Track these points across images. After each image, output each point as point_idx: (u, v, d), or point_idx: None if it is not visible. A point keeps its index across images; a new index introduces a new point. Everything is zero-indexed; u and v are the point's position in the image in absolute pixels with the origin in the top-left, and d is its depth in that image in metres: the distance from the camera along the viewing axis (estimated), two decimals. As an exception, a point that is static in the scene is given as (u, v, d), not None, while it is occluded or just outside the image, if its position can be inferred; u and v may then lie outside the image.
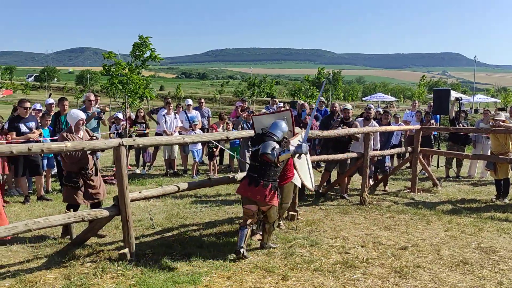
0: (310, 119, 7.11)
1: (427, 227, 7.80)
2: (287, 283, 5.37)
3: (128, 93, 11.26)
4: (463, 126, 12.73)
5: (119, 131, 12.24)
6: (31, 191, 9.76)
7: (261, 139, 6.35)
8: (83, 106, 10.71)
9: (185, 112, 13.11)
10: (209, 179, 7.38)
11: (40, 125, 9.67)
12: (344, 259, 6.15)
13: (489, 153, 11.12)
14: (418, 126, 11.17)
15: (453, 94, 24.51)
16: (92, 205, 6.97)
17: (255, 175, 6.22)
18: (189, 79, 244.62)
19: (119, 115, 12.57)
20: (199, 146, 12.46)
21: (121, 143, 5.80)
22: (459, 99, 14.19)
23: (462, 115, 13.22)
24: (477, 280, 5.59)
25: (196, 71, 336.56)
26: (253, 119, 7.28)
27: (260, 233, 6.80)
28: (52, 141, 8.77)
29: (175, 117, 12.68)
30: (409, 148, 11.06)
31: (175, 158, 12.77)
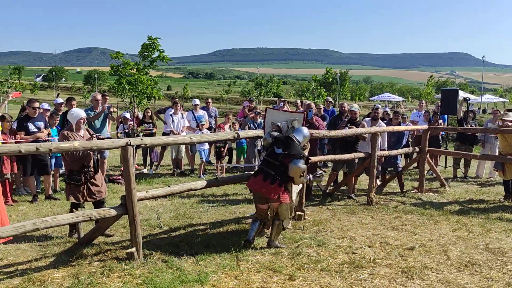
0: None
1: (435, 228, 7.77)
2: (294, 283, 5.37)
3: (135, 93, 11.29)
4: (471, 126, 12.67)
5: (127, 131, 12.27)
6: (39, 190, 9.81)
7: (286, 143, 6.49)
8: (91, 105, 10.77)
9: (192, 112, 13.12)
10: (216, 178, 7.40)
11: (48, 124, 9.72)
12: (351, 259, 6.14)
13: (497, 154, 11.06)
14: (425, 126, 11.13)
15: (461, 94, 24.39)
16: (95, 204, 6.99)
17: (273, 172, 6.36)
18: (196, 79, 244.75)
19: (127, 114, 12.61)
20: (206, 146, 12.48)
21: (129, 142, 5.82)
22: (466, 99, 14.11)
23: (470, 115, 13.16)
24: (485, 281, 5.56)
25: (203, 71, 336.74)
26: (267, 111, 7.38)
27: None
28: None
29: (182, 117, 12.70)
30: (416, 148, 11.03)
31: (182, 157, 12.79)
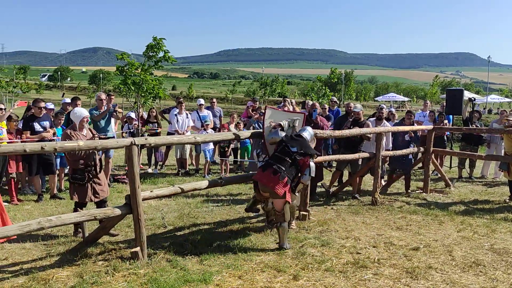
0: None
1: (439, 228, 7.75)
2: (298, 283, 5.37)
3: (141, 93, 11.31)
4: (477, 126, 12.63)
5: (132, 130, 12.30)
6: (44, 190, 9.84)
7: (298, 141, 6.62)
8: (96, 105, 10.81)
9: (197, 111, 13.14)
10: (220, 178, 7.40)
11: (53, 124, 9.76)
12: (355, 259, 6.14)
13: (503, 154, 11.02)
14: (430, 126, 11.10)
15: (467, 94, 24.34)
16: (97, 203, 7.01)
17: (283, 168, 6.39)
18: (201, 79, 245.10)
19: (132, 114, 12.64)
20: (211, 145, 12.49)
21: (133, 142, 5.83)
22: (472, 100, 14.07)
23: (475, 115, 13.11)
24: (489, 281, 5.55)
25: (208, 71, 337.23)
26: (267, 109, 7.40)
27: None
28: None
29: (187, 117, 12.72)
30: (421, 148, 11.01)
31: (187, 157, 12.80)
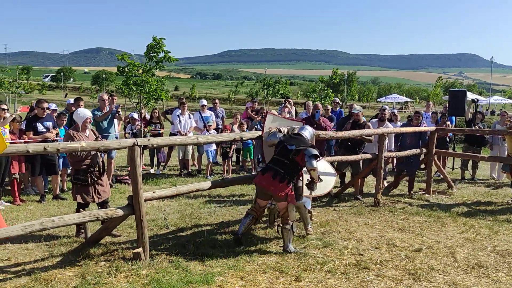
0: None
1: (442, 229, 7.74)
2: (300, 284, 5.37)
3: (143, 94, 11.33)
4: (480, 128, 12.61)
5: (134, 131, 12.32)
6: (47, 190, 9.86)
7: (296, 139, 6.55)
8: (99, 106, 10.84)
9: (200, 112, 13.14)
10: (223, 179, 7.40)
11: (56, 124, 9.78)
12: (357, 260, 6.13)
13: (505, 155, 10.99)
14: (433, 127, 11.08)
15: (469, 95, 24.27)
16: (99, 204, 7.02)
17: (282, 171, 6.37)
18: (204, 79, 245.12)
19: (135, 115, 12.66)
20: (213, 146, 12.49)
21: (136, 143, 5.83)
22: (475, 101, 14.04)
23: (478, 116, 13.09)
24: (492, 283, 5.54)
25: (210, 71, 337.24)
26: (267, 116, 7.38)
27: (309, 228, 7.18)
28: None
29: (190, 118, 12.72)
30: (423, 149, 10.98)
31: (189, 158, 12.81)
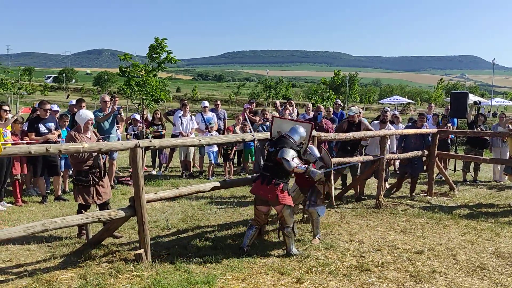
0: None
1: (444, 232, 7.73)
2: (302, 286, 5.36)
3: (144, 95, 11.34)
4: (482, 130, 12.60)
5: (136, 132, 12.33)
6: (49, 191, 9.87)
7: (280, 141, 6.47)
8: (101, 107, 10.84)
9: (201, 114, 13.14)
10: (224, 181, 7.40)
11: (59, 126, 9.79)
12: (359, 262, 6.13)
13: (507, 157, 10.99)
14: (435, 129, 11.07)
15: (471, 97, 24.24)
16: (99, 205, 7.03)
17: (268, 173, 6.36)
18: (206, 81, 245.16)
19: (136, 116, 12.67)
20: (215, 147, 12.49)
21: (138, 144, 5.84)
22: (477, 103, 14.03)
23: (481, 118, 13.08)
24: (494, 286, 5.53)
25: (212, 73, 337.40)
26: (274, 120, 7.38)
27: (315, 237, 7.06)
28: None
29: (191, 119, 12.73)
30: (425, 151, 10.97)
31: (191, 159, 12.81)
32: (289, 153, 6.21)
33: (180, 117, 12.50)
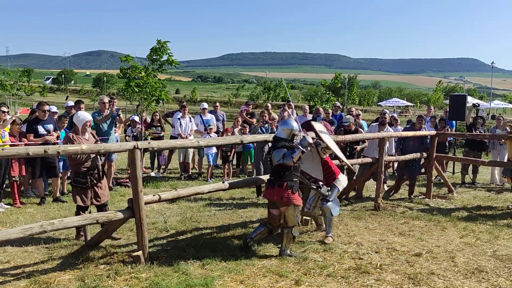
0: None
1: (442, 234, 7.73)
2: (300, 288, 5.37)
3: (144, 95, 11.34)
4: (480, 132, 12.61)
5: (135, 134, 12.32)
6: (47, 193, 9.86)
7: (273, 145, 6.59)
8: (99, 108, 10.85)
9: (200, 115, 13.15)
10: (223, 182, 7.40)
11: (57, 127, 9.78)
12: (357, 264, 6.13)
13: (506, 160, 10.99)
14: (433, 132, 11.08)
15: (470, 100, 24.27)
16: (98, 206, 7.02)
17: (272, 177, 6.48)
18: (205, 82, 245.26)
19: (136, 118, 12.67)
20: (214, 149, 12.49)
21: (136, 146, 5.84)
22: (476, 105, 14.05)
23: (479, 121, 13.10)
24: (492, 288, 5.53)
25: (212, 74, 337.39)
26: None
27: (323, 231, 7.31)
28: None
29: (190, 121, 12.73)
30: (424, 154, 10.98)
31: (190, 161, 12.80)
32: (277, 156, 6.30)
33: (179, 119, 12.51)
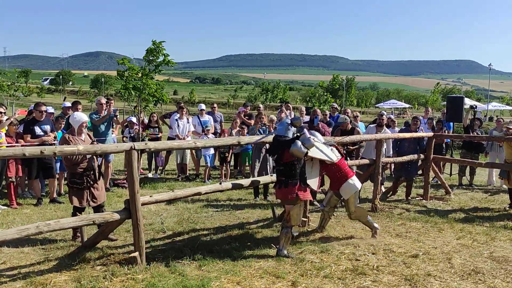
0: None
1: (439, 235, 7.73)
2: (296, 290, 5.36)
3: (143, 96, 11.34)
4: (478, 134, 12.63)
5: (132, 135, 12.32)
6: (44, 194, 9.84)
7: (273, 145, 6.59)
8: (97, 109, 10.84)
9: (198, 116, 13.14)
10: (220, 184, 7.40)
11: (54, 128, 9.77)
12: (354, 266, 6.12)
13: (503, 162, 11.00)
14: (431, 133, 11.09)
15: (468, 101, 24.29)
16: (94, 207, 7.01)
17: (282, 178, 6.48)
18: (203, 84, 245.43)
19: (133, 119, 12.66)
20: (211, 150, 12.49)
21: (133, 147, 5.83)
22: (473, 107, 14.07)
23: (476, 122, 13.11)
24: (488, 289, 5.54)
25: (210, 76, 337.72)
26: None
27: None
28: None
29: (188, 122, 12.73)
30: (421, 155, 10.99)
31: (187, 162, 12.80)
32: (298, 144, 6.25)
33: (176, 120, 12.50)
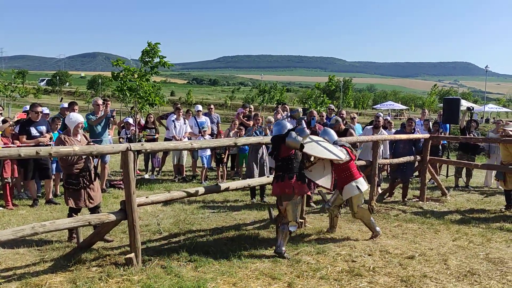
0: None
1: (435, 237, 7.74)
2: (292, 291, 5.36)
3: (137, 99, 11.33)
4: (474, 136, 12.64)
5: (129, 136, 12.30)
6: (40, 195, 9.82)
7: (273, 144, 6.67)
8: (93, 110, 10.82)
9: (195, 117, 13.14)
10: (217, 185, 7.40)
11: (50, 129, 9.75)
12: (350, 267, 6.12)
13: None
14: (427, 135, 11.10)
15: (464, 103, 24.32)
16: (90, 209, 7.00)
17: (280, 172, 6.55)
18: (200, 85, 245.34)
19: (130, 120, 12.65)
20: (208, 151, 12.48)
21: (129, 147, 5.82)
22: (470, 109, 14.09)
23: (473, 124, 13.13)
24: (484, 291, 5.54)
25: (207, 77, 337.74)
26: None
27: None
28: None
29: (185, 123, 12.72)
30: (418, 157, 11.00)
31: (184, 163, 12.79)
32: (293, 135, 6.31)
33: (173, 121, 12.49)
